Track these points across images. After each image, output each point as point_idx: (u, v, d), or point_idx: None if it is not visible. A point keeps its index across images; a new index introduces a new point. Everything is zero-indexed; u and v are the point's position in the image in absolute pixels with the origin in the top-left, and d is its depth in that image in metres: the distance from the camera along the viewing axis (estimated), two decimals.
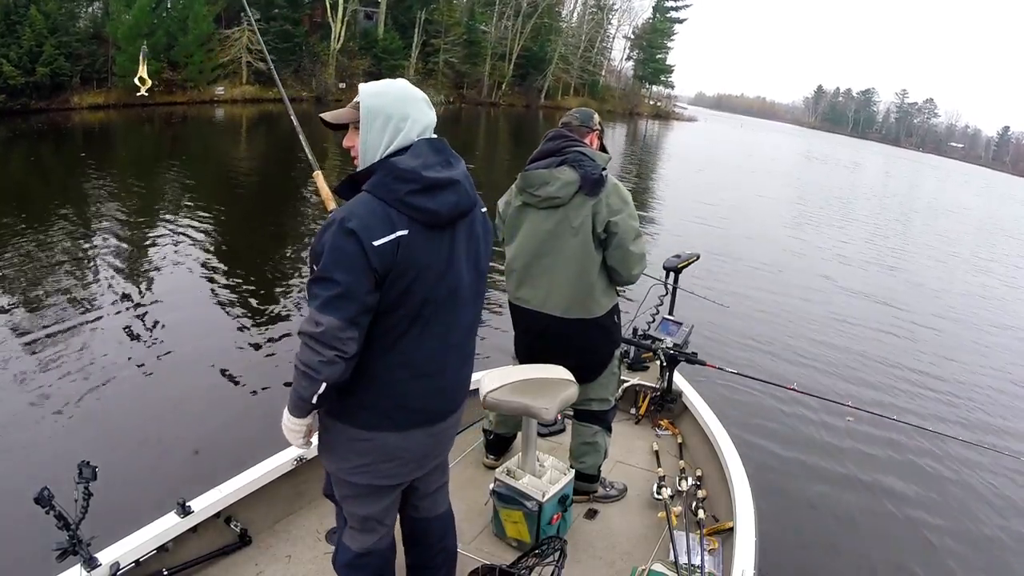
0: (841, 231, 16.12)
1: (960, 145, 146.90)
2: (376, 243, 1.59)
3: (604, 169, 2.78)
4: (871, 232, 16.77)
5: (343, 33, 33.89)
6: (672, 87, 72.04)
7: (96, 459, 1.97)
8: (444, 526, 2.21)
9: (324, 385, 1.64)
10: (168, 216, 10.20)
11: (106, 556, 2.11)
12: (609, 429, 3.11)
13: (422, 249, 1.68)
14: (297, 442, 1.84)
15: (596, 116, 3.02)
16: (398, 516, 2.12)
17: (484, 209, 1.91)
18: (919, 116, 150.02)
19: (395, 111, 1.69)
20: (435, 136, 1.77)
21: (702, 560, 2.68)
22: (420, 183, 1.65)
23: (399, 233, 1.63)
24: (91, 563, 2.03)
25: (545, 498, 2.65)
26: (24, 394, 4.78)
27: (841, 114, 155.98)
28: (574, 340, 2.89)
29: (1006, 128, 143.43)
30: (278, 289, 7.35)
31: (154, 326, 6.15)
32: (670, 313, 4.35)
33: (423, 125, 1.74)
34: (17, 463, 3.97)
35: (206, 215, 10.33)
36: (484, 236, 1.88)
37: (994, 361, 8.23)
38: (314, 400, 1.68)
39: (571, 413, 3.15)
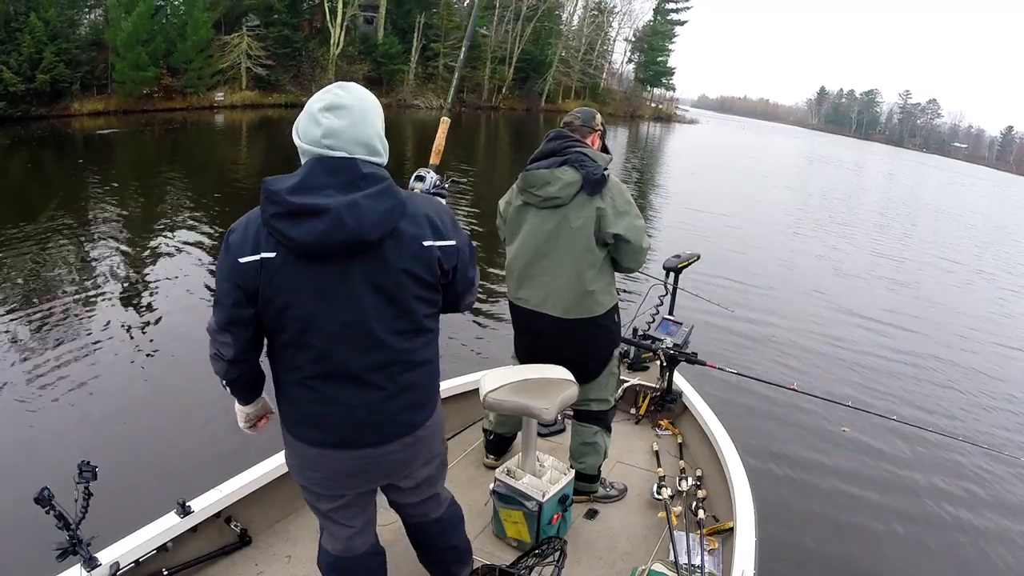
0: (843, 234, 16.10)
1: (964, 145, 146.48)
2: (241, 260, 1.57)
3: (606, 169, 2.78)
4: (873, 235, 16.74)
5: (342, 38, 33.96)
6: (673, 89, 71.89)
7: (96, 459, 1.97)
8: (443, 528, 2.18)
9: (223, 380, 1.78)
10: (169, 220, 10.23)
11: (106, 556, 2.11)
12: (609, 429, 3.11)
13: (292, 276, 1.58)
14: (241, 425, 1.96)
15: (598, 116, 3.02)
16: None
17: (435, 243, 1.66)
18: (922, 117, 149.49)
19: (295, 128, 1.64)
20: (340, 155, 1.58)
21: (702, 560, 2.68)
22: (282, 206, 1.53)
23: (263, 255, 1.56)
24: (91, 563, 2.03)
25: (545, 498, 2.65)
26: (24, 395, 4.79)
27: (844, 115, 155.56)
28: (574, 340, 2.89)
29: (1009, 128, 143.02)
30: None
31: (155, 328, 6.17)
32: (670, 313, 4.36)
33: (313, 138, 1.58)
34: (17, 463, 3.98)
35: (207, 221, 10.35)
36: (418, 267, 1.65)
37: (996, 362, 8.22)
38: (226, 388, 1.83)
39: (571, 413, 3.15)
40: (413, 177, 2.20)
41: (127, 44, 23.18)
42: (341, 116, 1.58)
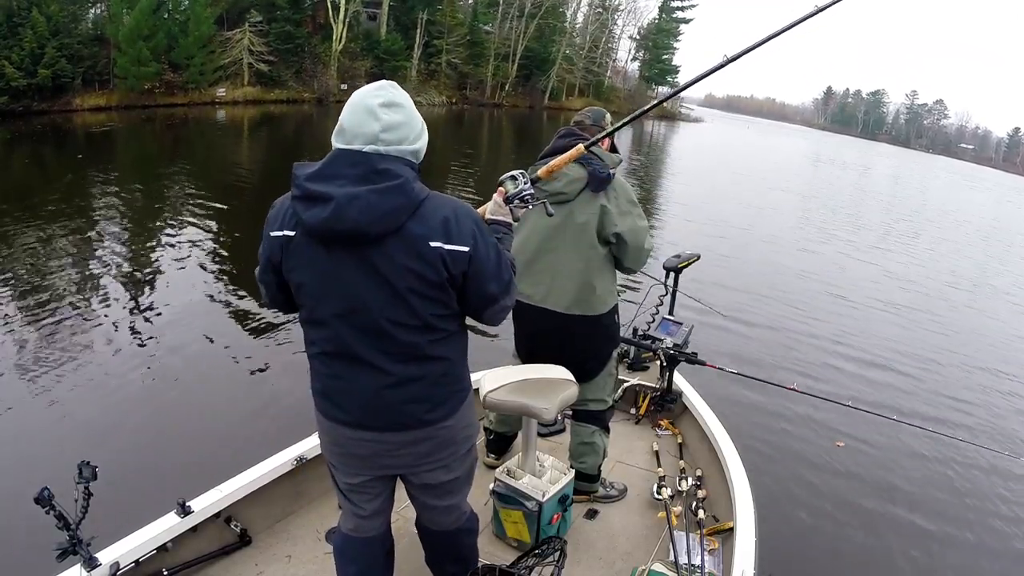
0: (845, 235, 16.04)
1: (970, 147, 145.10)
2: (272, 233, 1.71)
3: (613, 169, 2.79)
4: (876, 238, 16.67)
5: (345, 34, 33.92)
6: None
7: (96, 459, 1.98)
8: (455, 541, 2.17)
9: None
10: (170, 218, 10.23)
11: (106, 556, 2.12)
12: (607, 429, 3.11)
13: (304, 257, 1.67)
14: None
15: (608, 116, 3.03)
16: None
17: (443, 246, 1.64)
18: (929, 117, 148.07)
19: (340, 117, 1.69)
20: (362, 149, 1.62)
21: (702, 560, 2.68)
22: (300, 190, 1.63)
23: (286, 232, 1.68)
24: (91, 563, 2.04)
25: (545, 498, 2.65)
26: (25, 394, 4.80)
27: (851, 115, 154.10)
28: (574, 337, 2.90)
29: (1016, 129, 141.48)
30: None
31: (155, 327, 6.16)
32: (670, 313, 4.36)
33: (351, 135, 1.63)
34: (17, 463, 3.99)
35: (208, 217, 10.35)
36: (422, 267, 1.65)
37: (996, 362, 8.21)
38: None
39: (569, 413, 3.15)
40: (508, 176, 2.10)
41: (129, 39, 23.18)
42: (397, 112, 1.67)
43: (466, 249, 1.67)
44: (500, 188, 2.09)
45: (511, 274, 1.82)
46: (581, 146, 2.34)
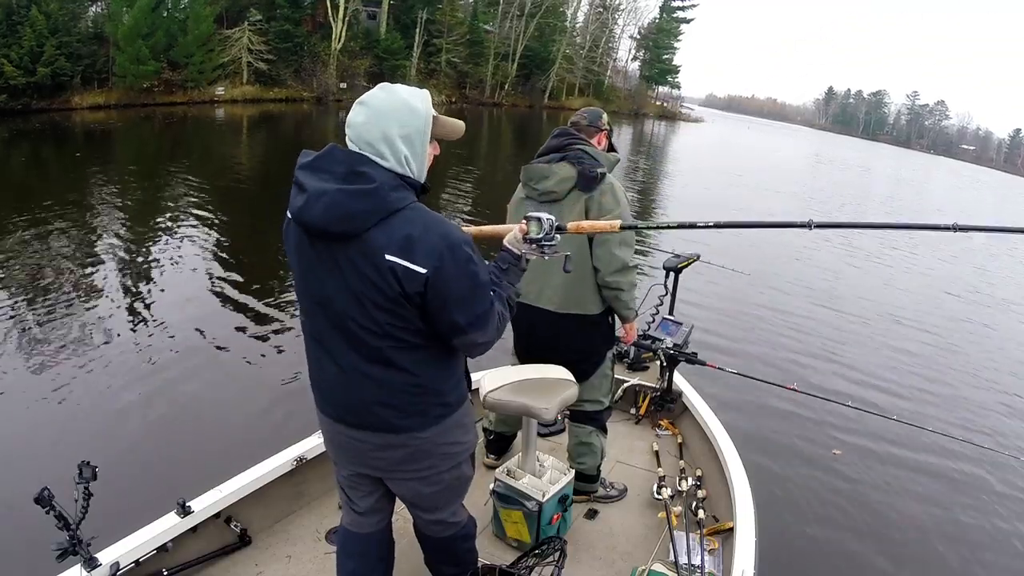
0: (845, 236, 16.02)
1: (971, 148, 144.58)
2: (288, 211, 1.72)
3: (603, 169, 2.79)
4: (876, 237, 16.65)
5: (344, 33, 33.91)
6: (679, 87, 71.51)
7: (96, 459, 1.98)
8: (447, 546, 2.17)
9: None
10: (168, 216, 10.22)
11: (106, 556, 2.12)
12: (604, 430, 3.11)
13: (294, 241, 1.72)
14: None
15: (604, 116, 3.04)
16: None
17: (398, 261, 1.58)
18: (930, 118, 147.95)
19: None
20: (352, 148, 1.63)
21: (702, 560, 2.68)
22: (295, 178, 1.66)
23: (288, 214, 1.71)
24: (91, 563, 2.04)
25: (545, 498, 2.65)
26: (24, 394, 4.79)
27: (852, 116, 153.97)
28: (568, 337, 2.91)
29: (1017, 131, 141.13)
30: (280, 289, 7.35)
31: (155, 326, 6.16)
32: (670, 313, 4.36)
33: (353, 133, 1.64)
34: (17, 463, 3.98)
35: (208, 215, 10.35)
36: (377, 277, 1.61)
37: (996, 361, 8.22)
38: None
39: (567, 413, 3.16)
40: (536, 216, 1.95)
41: (128, 38, 23.19)
42: (360, 113, 1.64)
43: (422, 271, 1.59)
44: (523, 225, 1.96)
45: (491, 307, 1.72)
46: (617, 223, 2.29)
